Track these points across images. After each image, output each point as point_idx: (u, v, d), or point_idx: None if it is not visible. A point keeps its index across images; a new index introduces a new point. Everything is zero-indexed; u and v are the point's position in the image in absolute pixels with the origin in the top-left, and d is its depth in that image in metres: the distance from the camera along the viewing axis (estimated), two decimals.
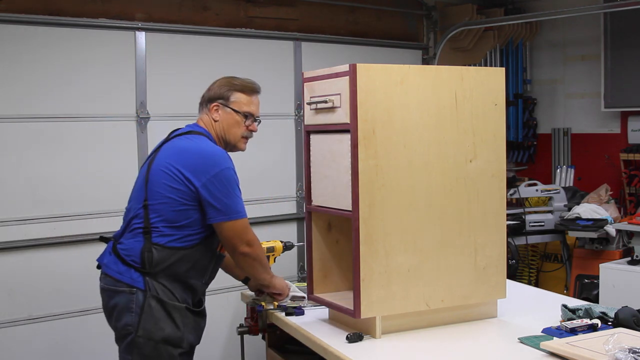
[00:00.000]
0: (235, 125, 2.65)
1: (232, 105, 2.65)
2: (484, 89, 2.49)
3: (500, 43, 5.61)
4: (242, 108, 2.65)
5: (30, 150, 3.69)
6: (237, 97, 2.66)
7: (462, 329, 2.45)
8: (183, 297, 2.52)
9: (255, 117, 2.69)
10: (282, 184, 4.54)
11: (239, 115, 2.64)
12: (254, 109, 2.68)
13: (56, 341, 3.76)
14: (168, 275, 2.48)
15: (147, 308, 2.46)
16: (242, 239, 2.51)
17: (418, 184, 2.38)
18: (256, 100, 2.71)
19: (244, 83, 2.70)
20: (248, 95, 2.67)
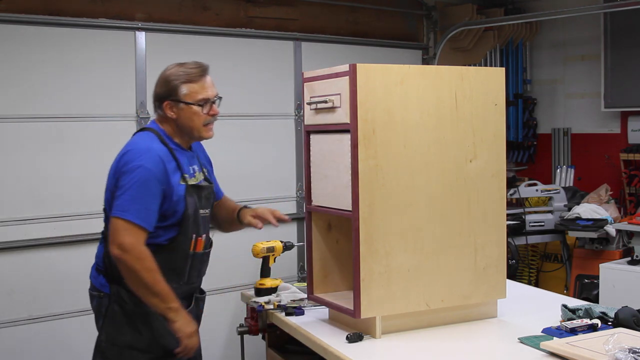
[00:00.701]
0: (194, 118, 2.45)
1: (185, 98, 2.43)
2: (484, 89, 2.49)
3: (500, 43, 5.61)
4: (195, 98, 2.44)
5: (30, 150, 3.69)
6: (187, 89, 2.43)
7: (462, 329, 2.45)
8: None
9: (212, 100, 2.49)
10: (282, 184, 4.54)
11: (195, 106, 2.44)
12: (208, 93, 2.47)
13: (56, 341, 3.76)
14: None
15: (110, 313, 2.44)
16: (114, 239, 2.30)
17: (418, 184, 2.38)
18: (208, 82, 2.48)
19: (188, 70, 2.45)
20: (197, 82, 2.45)
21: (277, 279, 2.96)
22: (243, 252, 3.26)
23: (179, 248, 2.45)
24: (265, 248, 2.94)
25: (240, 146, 4.36)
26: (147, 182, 2.32)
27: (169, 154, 2.42)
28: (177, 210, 2.41)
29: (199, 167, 2.58)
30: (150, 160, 2.34)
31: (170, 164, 2.40)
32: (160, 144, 2.43)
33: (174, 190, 2.39)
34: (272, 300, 2.78)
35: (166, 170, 2.37)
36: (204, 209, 2.54)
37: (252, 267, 3.25)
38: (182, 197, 2.42)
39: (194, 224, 2.47)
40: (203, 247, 2.53)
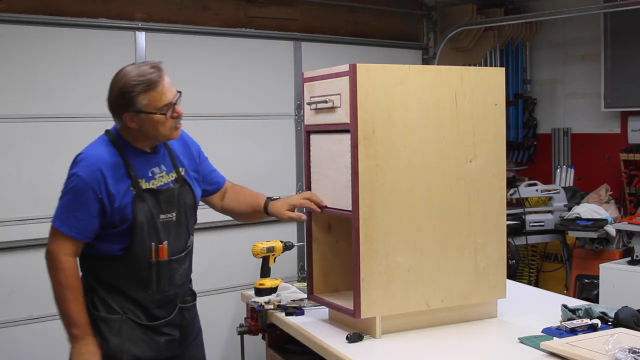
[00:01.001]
0: (159, 125, 2.29)
1: (146, 109, 2.26)
2: (484, 89, 2.49)
3: (500, 43, 5.61)
4: (157, 106, 2.27)
5: (30, 150, 3.69)
6: (147, 99, 2.26)
7: (462, 329, 2.45)
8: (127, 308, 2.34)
9: (173, 102, 2.30)
10: (282, 184, 4.54)
11: (158, 115, 2.27)
12: (168, 96, 2.29)
13: (56, 341, 3.75)
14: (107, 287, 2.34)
15: None
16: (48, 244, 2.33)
17: (418, 184, 2.38)
18: (166, 84, 2.30)
19: (142, 79, 2.26)
20: (156, 89, 2.27)
21: (277, 279, 2.96)
22: (243, 252, 3.26)
23: (138, 257, 2.31)
24: (265, 248, 2.94)
25: (240, 146, 4.36)
26: (78, 191, 2.25)
27: (120, 160, 2.31)
28: (124, 218, 2.29)
29: (170, 167, 2.44)
30: (85, 169, 2.25)
31: (115, 171, 2.29)
32: (109, 147, 2.32)
33: (116, 198, 2.27)
34: (272, 300, 2.78)
35: (104, 178, 2.25)
36: (167, 213, 2.37)
37: (252, 267, 3.25)
38: (128, 204, 2.28)
39: (151, 231, 2.32)
40: (169, 254, 2.36)
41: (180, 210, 2.42)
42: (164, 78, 2.31)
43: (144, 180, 2.34)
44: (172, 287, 2.41)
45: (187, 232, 2.47)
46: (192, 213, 2.51)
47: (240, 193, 2.73)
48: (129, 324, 2.33)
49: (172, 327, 2.44)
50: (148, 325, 2.37)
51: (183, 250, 2.44)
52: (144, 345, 2.35)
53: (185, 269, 2.47)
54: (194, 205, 2.50)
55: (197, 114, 4.16)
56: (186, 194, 2.46)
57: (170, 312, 2.42)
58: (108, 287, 2.35)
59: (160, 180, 2.39)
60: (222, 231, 4.28)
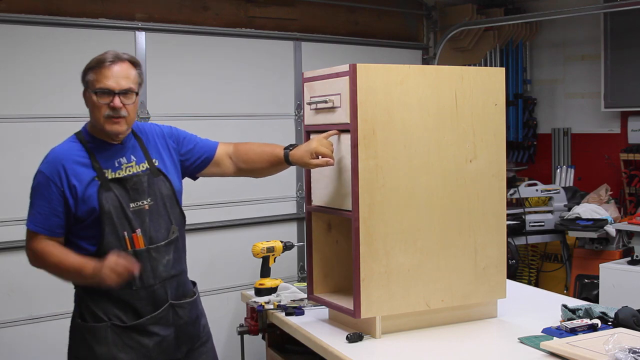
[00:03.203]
0: (94, 108, 2.31)
1: (89, 86, 2.32)
2: (484, 89, 2.49)
3: (500, 43, 5.61)
4: (94, 86, 2.29)
5: (30, 150, 3.68)
6: (91, 77, 2.31)
7: (462, 329, 2.45)
8: (111, 313, 2.30)
9: (116, 92, 2.28)
10: (282, 184, 4.54)
11: (93, 95, 2.30)
12: (108, 82, 2.27)
13: (56, 341, 3.76)
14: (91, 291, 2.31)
15: (70, 331, 2.40)
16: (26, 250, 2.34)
17: (418, 184, 2.38)
18: (113, 72, 2.29)
19: (97, 58, 2.32)
20: (101, 70, 2.28)
21: (277, 279, 2.97)
22: (243, 252, 3.26)
23: (112, 249, 2.26)
24: (265, 248, 2.95)
25: None
26: (40, 186, 2.29)
27: (84, 153, 2.32)
28: (91, 209, 2.27)
29: (141, 157, 2.40)
30: (47, 165, 2.31)
31: (78, 164, 2.30)
32: (74, 143, 2.36)
33: (78, 190, 2.27)
34: (272, 300, 2.78)
35: (65, 170, 2.27)
36: (137, 201, 2.33)
37: (252, 267, 3.25)
38: (93, 195, 2.27)
39: (122, 220, 2.29)
40: (145, 243, 2.32)
41: (157, 200, 2.37)
42: (116, 65, 2.30)
43: (110, 170, 2.34)
44: (157, 279, 2.34)
45: (169, 222, 2.40)
46: (173, 203, 2.43)
47: (251, 151, 2.61)
48: (114, 330, 2.30)
49: (163, 326, 2.36)
50: (134, 327, 2.31)
51: (163, 240, 2.37)
52: (131, 352, 2.31)
53: (169, 260, 2.38)
54: (172, 195, 2.43)
55: (197, 114, 4.16)
56: (161, 184, 2.41)
57: (158, 308, 2.35)
58: (93, 292, 2.30)
59: (128, 170, 2.36)
60: (222, 231, 4.28)
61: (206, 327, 2.58)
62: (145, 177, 2.37)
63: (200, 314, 2.55)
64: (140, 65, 2.42)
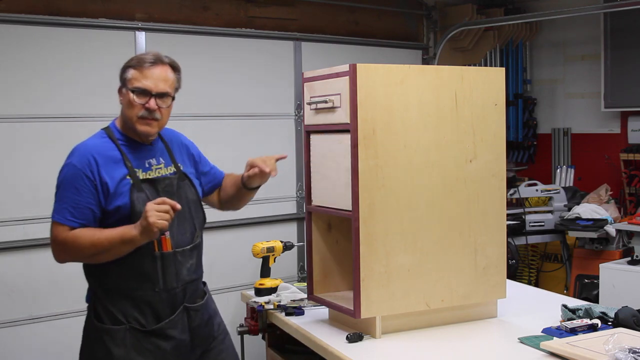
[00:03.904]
0: (129, 106, 2.31)
1: (127, 83, 2.32)
2: (484, 89, 2.49)
3: (500, 43, 5.61)
4: (133, 84, 2.30)
5: (30, 150, 3.69)
6: (130, 74, 2.31)
7: (462, 329, 2.45)
8: (130, 316, 2.30)
9: (153, 93, 2.30)
10: (282, 184, 4.54)
11: (130, 92, 2.30)
12: (147, 83, 2.29)
13: (56, 341, 3.76)
14: (110, 292, 2.31)
15: (86, 327, 2.38)
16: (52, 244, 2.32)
17: (418, 184, 2.38)
18: (153, 74, 2.31)
19: (139, 57, 2.35)
20: (141, 69, 2.30)
21: (277, 279, 2.97)
22: (243, 252, 3.26)
23: (140, 249, 2.25)
24: (265, 248, 2.94)
25: (240, 146, 4.35)
26: (71, 178, 2.25)
27: (115, 150, 2.32)
28: (121, 207, 2.26)
29: (168, 161, 2.43)
30: (77, 157, 2.28)
31: (109, 159, 2.29)
32: (104, 139, 2.35)
33: (111, 185, 2.26)
34: (272, 300, 2.78)
35: (97, 164, 2.26)
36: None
37: (252, 267, 3.25)
38: (125, 194, 2.27)
39: None
40: (172, 246, 2.33)
41: (183, 204, 2.36)
42: (157, 67, 2.32)
43: (141, 170, 2.34)
44: (179, 282, 2.36)
45: (193, 227, 2.44)
46: (197, 208, 2.48)
47: (228, 178, 2.71)
48: (133, 333, 2.29)
49: (180, 330, 2.37)
50: (153, 331, 2.31)
51: (189, 244, 2.40)
52: (150, 355, 2.30)
53: (193, 264, 2.42)
54: (197, 200, 2.49)
55: (197, 114, 4.16)
56: (187, 188, 2.45)
57: (175, 311, 2.36)
58: (112, 292, 2.31)
59: (158, 172, 2.38)
60: (222, 231, 4.28)
61: (221, 325, 2.58)
62: (175, 180, 2.41)
63: (214, 313, 2.56)
64: (180, 70, 2.43)
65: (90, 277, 2.38)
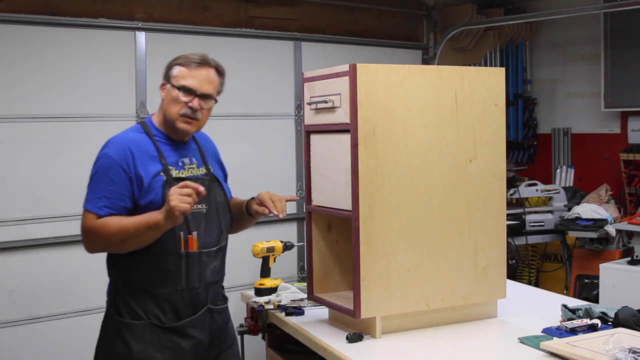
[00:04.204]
0: (172, 102, 2.33)
1: (172, 80, 2.35)
2: (484, 89, 2.49)
3: (500, 43, 5.61)
4: (179, 82, 2.33)
5: (30, 150, 3.69)
6: (177, 71, 2.35)
7: (462, 329, 2.45)
8: (151, 312, 2.30)
9: (198, 93, 2.34)
10: (282, 184, 4.54)
11: (175, 89, 2.33)
12: (194, 82, 2.33)
13: (56, 341, 3.76)
14: (132, 287, 2.31)
15: (105, 321, 2.38)
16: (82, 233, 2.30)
17: (418, 184, 2.38)
18: (201, 75, 2.35)
19: (188, 56, 2.38)
20: (188, 68, 2.35)
21: (277, 279, 2.97)
22: (243, 252, 3.26)
23: (166, 247, 2.28)
24: (265, 248, 2.94)
25: (240, 146, 4.36)
26: (107, 169, 2.26)
27: (151, 145, 2.34)
28: (153, 202, 2.26)
29: (200, 161, 2.46)
30: (114, 149, 2.29)
31: (145, 154, 2.31)
32: (140, 133, 2.37)
33: (145, 180, 2.27)
34: (272, 300, 2.78)
35: (133, 157, 2.28)
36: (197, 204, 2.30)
37: (252, 267, 3.25)
38: (157, 189, 2.28)
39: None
40: (198, 246, 2.35)
41: (211, 205, 2.41)
42: (204, 68, 2.37)
43: (174, 168, 2.36)
44: (202, 283, 2.37)
45: (220, 229, 2.46)
46: (225, 211, 2.50)
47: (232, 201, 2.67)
48: (152, 329, 2.29)
49: (200, 330, 2.38)
50: (173, 328, 2.32)
51: (214, 246, 2.42)
52: (168, 353, 2.30)
53: (216, 266, 2.44)
54: (225, 202, 2.51)
55: None
56: (217, 190, 2.47)
57: (197, 311, 2.37)
58: (134, 288, 2.31)
59: (190, 172, 2.41)
60: None
61: (232, 329, 2.60)
62: (206, 181, 2.43)
63: (229, 317, 2.58)
64: (224, 75, 2.48)
65: (113, 271, 2.38)
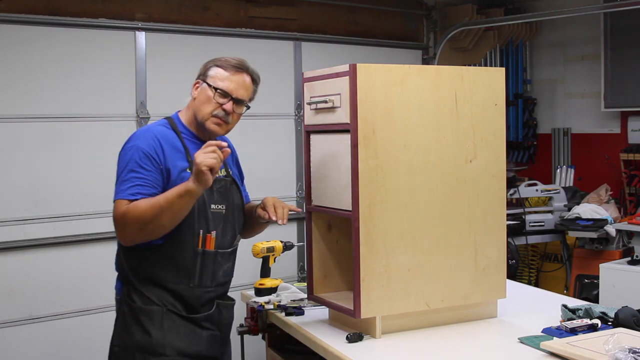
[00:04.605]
0: (206, 102, 2.37)
1: (209, 80, 2.39)
2: (484, 89, 2.49)
3: (500, 43, 5.62)
4: (216, 83, 2.37)
5: (30, 150, 3.69)
6: (215, 72, 2.39)
7: (462, 329, 2.45)
8: (164, 299, 2.32)
9: (232, 97, 2.38)
10: (282, 184, 4.54)
11: (211, 89, 2.37)
12: (230, 86, 2.38)
13: (56, 341, 3.76)
14: (145, 280, 2.32)
15: (120, 315, 2.36)
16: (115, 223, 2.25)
17: (418, 184, 2.38)
18: (238, 79, 2.40)
19: (227, 59, 2.43)
20: (227, 72, 2.39)
21: (277, 279, 2.97)
22: (243, 252, 3.26)
23: (185, 243, 2.31)
24: (265, 248, 2.94)
25: (240, 146, 4.32)
26: (138, 159, 2.25)
27: (178, 141, 2.36)
28: None
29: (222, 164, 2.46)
30: (143, 139, 2.30)
31: (173, 148, 2.33)
32: (167, 129, 2.39)
33: (172, 173, 2.29)
34: (272, 300, 2.78)
35: (162, 149, 2.29)
36: (217, 204, 2.39)
37: (252, 267, 3.25)
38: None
39: (201, 218, 2.33)
40: (215, 246, 2.38)
41: (229, 207, 2.45)
42: (242, 74, 2.42)
43: None
44: (213, 282, 2.41)
45: (234, 231, 2.49)
46: (240, 213, 2.54)
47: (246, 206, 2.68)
48: (170, 316, 2.31)
49: (213, 324, 2.43)
50: (190, 318, 2.35)
51: (229, 247, 2.46)
52: (186, 339, 2.33)
53: (228, 267, 2.48)
54: (241, 205, 2.54)
55: None
56: (234, 193, 2.50)
57: (210, 309, 2.42)
58: (146, 280, 2.32)
59: None
60: None
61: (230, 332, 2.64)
62: (227, 183, 2.46)
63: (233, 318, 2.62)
64: (258, 83, 2.51)
65: (125, 265, 2.36)
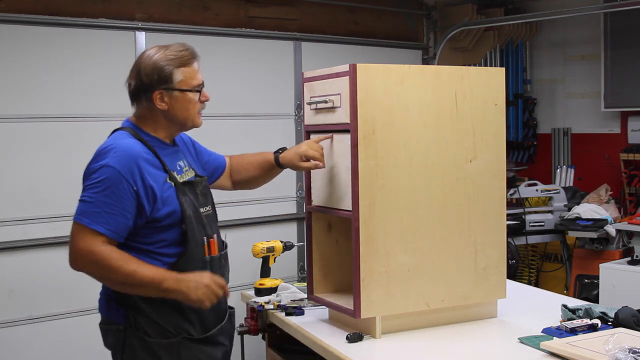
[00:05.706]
0: (189, 105, 2.20)
1: (180, 85, 2.17)
2: (484, 89, 2.49)
3: (500, 43, 5.61)
4: (191, 84, 2.20)
5: (30, 150, 3.69)
6: (182, 74, 2.18)
7: (462, 329, 2.45)
8: (180, 327, 2.17)
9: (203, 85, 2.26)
10: (282, 184, 4.53)
11: (192, 93, 2.21)
12: (200, 76, 2.24)
13: (56, 341, 3.76)
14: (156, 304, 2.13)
15: (128, 348, 2.15)
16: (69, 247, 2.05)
17: (418, 184, 2.38)
18: (196, 65, 2.24)
19: (178, 54, 2.20)
20: (190, 66, 2.21)
21: (277, 279, 2.97)
22: (243, 252, 3.26)
23: (193, 256, 2.18)
24: (265, 248, 2.95)
25: (240, 146, 4.33)
26: (109, 181, 2.04)
27: (150, 152, 2.15)
28: (170, 212, 2.13)
29: (186, 162, 2.31)
30: (117, 159, 2.06)
31: (147, 162, 2.12)
32: (136, 141, 2.15)
33: (155, 191, 2.10)
34: (272, 300, 2.78)
35: (140, 169, 2.08)
36: (204, 206, 2.26)
37: (252, 267, 3.25)
38: (172, 198, 2.14)
39: (199, 225, 2.21)
40: (218, 250, 2.28)
41: (213, 206, 2.35)
42: (196, 59, 2.24)
43: (176, 173, 2.21)
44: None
45: (218, 228, 2.38)
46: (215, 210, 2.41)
47: (244, 161, 2.60)
48: (185, 344, 2.17)
49: (225, 336, 2.33)
50: (204, 339, 2.22)
51: (225, 247, 2.38)
52: None
53: (229, 267, 2.40)
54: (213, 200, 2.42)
55: None
56: (207, 188, 2.37)
57: (222, 318, 2.31)
58: (160, 305, 2.14)
59: (187, 174, 2.27)
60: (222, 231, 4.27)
61: None
62: (204, 181, 2.34)
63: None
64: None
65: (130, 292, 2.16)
